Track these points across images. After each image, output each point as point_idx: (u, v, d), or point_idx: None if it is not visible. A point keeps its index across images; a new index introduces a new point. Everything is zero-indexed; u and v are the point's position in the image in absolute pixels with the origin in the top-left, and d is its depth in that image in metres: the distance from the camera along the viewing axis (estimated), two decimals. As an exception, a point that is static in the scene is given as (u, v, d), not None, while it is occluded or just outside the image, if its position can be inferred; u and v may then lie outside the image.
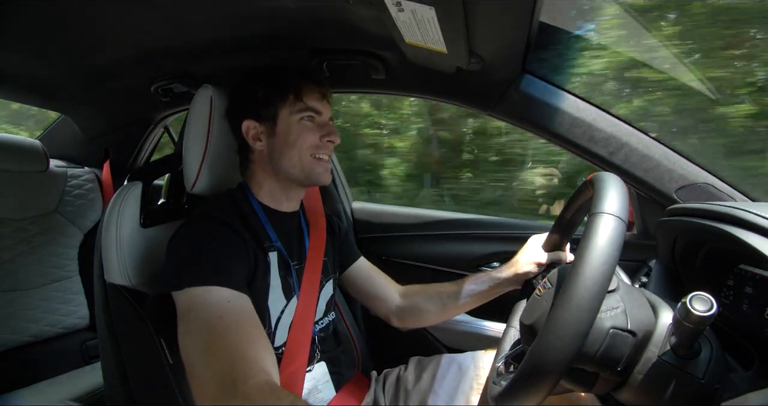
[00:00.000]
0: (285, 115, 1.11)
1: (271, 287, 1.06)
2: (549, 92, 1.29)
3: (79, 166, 2.16)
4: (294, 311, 1.10)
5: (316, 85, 1.15)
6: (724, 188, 1.22)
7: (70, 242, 2.00)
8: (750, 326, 0.84)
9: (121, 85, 1.71)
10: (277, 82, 1.13)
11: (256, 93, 1.13)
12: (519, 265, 1.22)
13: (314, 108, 1.13)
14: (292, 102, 1.11)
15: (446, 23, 0.88)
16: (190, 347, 0.85)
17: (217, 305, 0.88)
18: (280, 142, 1.11)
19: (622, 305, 0.75)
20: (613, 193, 0.71)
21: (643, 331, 0.75)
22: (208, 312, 0.86)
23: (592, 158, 1.30)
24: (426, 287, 1.36)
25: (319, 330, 1.19)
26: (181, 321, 0.89)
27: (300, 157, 1.10)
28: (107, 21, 1.16)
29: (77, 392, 1.73)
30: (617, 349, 0.74)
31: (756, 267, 0.87)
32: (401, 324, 1.37)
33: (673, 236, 1.02)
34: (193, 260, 0.93)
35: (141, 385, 1.05)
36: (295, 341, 1.08)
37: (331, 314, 1.27)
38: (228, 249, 0.97)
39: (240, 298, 0.92)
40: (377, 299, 1.37)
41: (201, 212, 1.07)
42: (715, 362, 0.73)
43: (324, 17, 1.11)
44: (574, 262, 0.67)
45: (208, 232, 0.99)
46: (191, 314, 0.88)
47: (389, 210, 1.96)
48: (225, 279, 0.91)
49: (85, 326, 2.01)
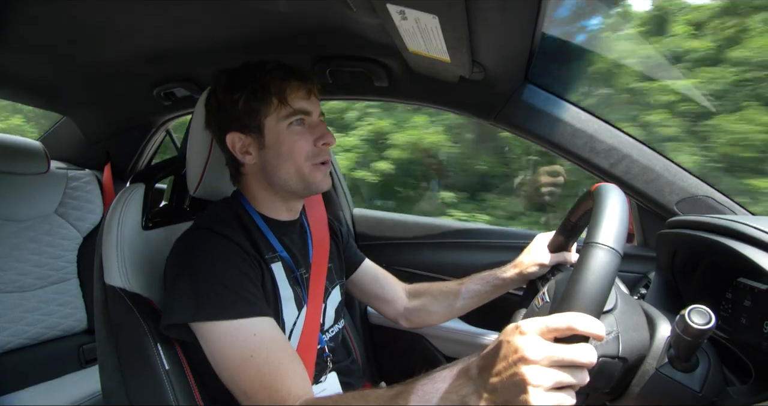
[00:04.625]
0: (272, 123, 1.02)
1: (283, 299, 1.02)
2: (551, 102, 1.29)
3: (79, 168, 2.16)
4: (304, 320, 1.08)
5: (300, 81, 1.04)
6: (725, 201, 1.22)
7: (69, 245, 1.99)
8: (748, 339, 0.84)
9: (123, 88, 1.71)
10: (257, 87, 1.02)
11: (237, 102, 1.03)
12: (524, 265, 1.20)
13: (302, 109, 1.03)
14: (276, 107, 1.01)
15: (449, 32, 0.89)
16: (232, 388, 0.88)
17: (245, 342, 0.87)
18: (272, 156, 1.03)
19: (615, 330, 0.75)
20: (611, 220, 0.68)
21: (636, 356, 0.75)
22: (239, 353, 0.86)
23: (593, 169, 1.31)
24: (431, 287, 1.35)
25: (329, 339, 1.15)
26: (211, 358, 0.89)
27: (297, 169, 1.03)
28: (110, 24, 1.17)
29: (74, 395, 1.73)
30: (606, 375, 0.74)
31: (755, 281, 0.87)
32: (410, 325, 1.36)
33: (673, 249, 1.02)
34: (206, 289, 0.89)
35: (138, 389, 1.04)
36: (302, 351, 1.03)
37: (340, 321, 1.23)
38: (237, 268, 0.94)
39: (263, 324, 0.90)
40: (385, 300, 1.35)
41: (200, 225, 1.02)
42: (712, 376, 0.73)
43: (328, 24, 1.12)
44: (564, 293, 0.65)
45: (212, 250, 0.95)
46: (220, 353, 0.87)
47: (390, 217, 1.96)
48: (245, 308, 0.89)
49: (82, 330, 2.00)
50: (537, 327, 0.62)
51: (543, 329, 0.61)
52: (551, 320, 0.61)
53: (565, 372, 0.59)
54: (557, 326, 0.60)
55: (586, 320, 0.60)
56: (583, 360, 0.59)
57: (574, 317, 0.60)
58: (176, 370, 1.00)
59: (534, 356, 0.59)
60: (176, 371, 1.00)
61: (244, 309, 0.89)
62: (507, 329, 0.66)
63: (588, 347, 0.60)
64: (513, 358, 0.61)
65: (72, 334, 1.97)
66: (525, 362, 0.59)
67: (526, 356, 0.59)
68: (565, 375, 0.59)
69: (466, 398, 0.66)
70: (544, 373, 0.58)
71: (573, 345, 0.59)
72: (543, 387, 0.58)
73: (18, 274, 1.83)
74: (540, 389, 0.58)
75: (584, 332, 0.59)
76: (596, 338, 0.60)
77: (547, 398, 0.58)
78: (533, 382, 0.58)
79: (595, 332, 0.59)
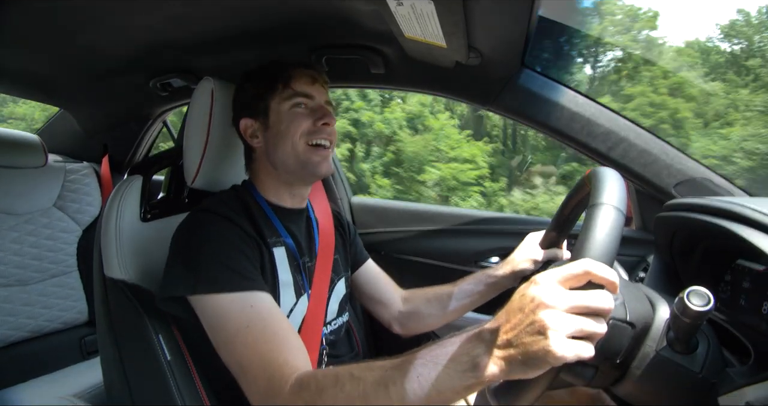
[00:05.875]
0: (275, 105, 1.08)
1: (281, 283, 1.03)
2: (548, 87, 1.29)
3: (77, 161, 2.15)
4: (305, 310, 1.08)
5: (305, 68, 1.11)
6: (722, 183, 1.22)
7: (69, 238, 1.99)
8: (747, 320, 0.84)
9: (120, 80, 1.70)
10: (265, 75, 1.10)
11: (247, 90, 1.12)
12: (516, 262, 1.20)
13: (305, 93, 1.08)
14: (280, 91, 1.08)
15: (445, 17, 0.88)
16: (228, 360, 0.88)
17: (241, 313, 0.87)
18: (273, 135, 1.08)
19: (621, 298, 0.76)
20: (612, 186, 0.71)
21: (642, 323, 0.75)
22: (235, 324, 0.87)
23: (591, 153, 1.30)
24: (426, 291, 1.34)
25: (330, 332, 1.15)
26: (209, 331, 0.90)
27: (294, 146, 1.06)
28: (106, 16, 1.16)
29: (76, 387, 1.73)
30: (616, 340, 0.74)
31: (754, 262, 0.87)
32: (403, 331, 1.34)
33: (671, 231, 1.02)
34: (204, 264, 0.91)
35: (140, 381, 1.05)
36: (304, 340, 1.01)
37: (344, 315, 1.23)
38: (236, 247, 0.95)
39: (260, 298, 0.91)
40: (381, 303, 1.35)
41: (202, 207, 1.03)
42: (712, 357, 0.74)
43: (323, 12, 1.11)
44: (574, 251, 0.67)
45: (212, 230, 0.96)
46: (217, 325, 0.88)
47: (388, 205, 1.96)
48: (242, 283, 0.90)
49: (83, 322, 2.01)
50: (553, 276, 0.62)
51: (559, 278, 0.62)
52: (567, 268, 0.62)
53: (585, 319, 0.59)
54: (574, 273, 0.61)
55: (601, 265, 0.61)
56: (602, 305, 0.59)
57: (590, 263, 0.61)
58: (178, 360, 1.01)
59: (553, 301, 0.59)
60: (178, 361, 1.01)
61: (242, 283, 0.91)
62: (520, 287, 0.66)
63: (605, 293, 0.60)
64: (530, 307, 0.61)
65: (73, 326, 1.98)
66: (544, 307, 0.60)
67: (544, 301, 0.60)
68: (586, 321, 0.59)
69: (478, 359, 0.65)
70: (565, 318, 0.59)
71: (591, 290, 0.60)
72: (564, 332, 0.58)
73: (18, 267, 1.83)
74: (561, 334, 0.58)
75: (601, 278, 0.60)
76: (611, 285, 0.61)
77: (568, 345, 0.58)
78: (553, 326, 0.58)
79: (610, 278, 0.60)
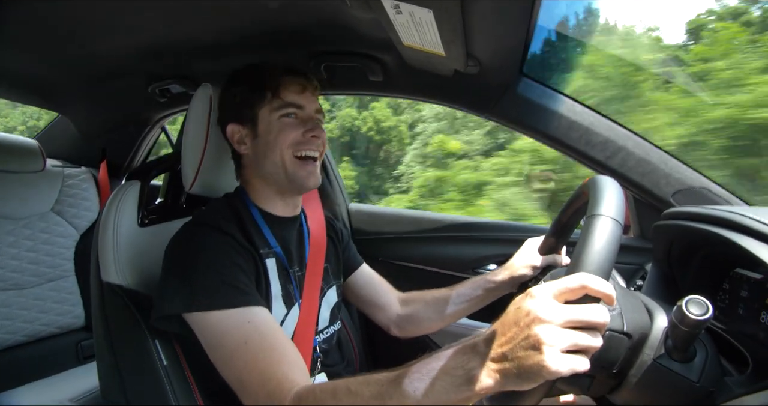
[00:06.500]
0: (265, 114, 1.07)
1: (273, 296, 1.03)
2: (546, 96, 1.29)
3: (75, 166, 2.15)
4: (296, 320, 1.07)
5: (295, 77, 1.09)
6: (720, 192, 1.22)
7: (66, 242, 1.99)
8: (745, 329, 0.84)
9: (118, 85, 1.71)
10: (254, 81, 1.09)
11: (235, 95, 1.10)
12: (514, 268, 1.19)
13: (294, 103, 1.07)
14: (270, 100, 1.06)
15: (444, 26, 0.88)
16: (227, 376, 0.88)
17: (239, 329, 0.87)
18: (262, 144, 1.07)
19: (619, 308, 0.76)
20: (610, 196, 0.71)
21: (639, 333, 0.75)
22: (234, 340, 0.86)
23: (589, 162, 1.31)
24: (424, 294, 1.34)
25: (322, 341, 1.15)
26: (207, 348, 0.90)
27: (282, 157, 1.05)
28: (105, 21, 1.16)
29: (72, 392, 1.72)
30: (613, 351, 0.74)
31: (752, 271, 0.87)
32: (401, 333, 1.34)
33: (669, 240, 1.02)
34: (200, 280, 0.90)
35: (136, 385, 1.04)
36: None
37: (336, 323, 1.22)
38: (231, 259, 0.94)
39: (257, 313, 0.91)
40: (378, 307, 1.34)
41: (197, 219, 1.03)
42: (710, 366, 0.73)
43: (322, 19, 1.11)
44: (570, 264, 0.67)
45: (206, 243, 0.95)
46: (216, 342, 0.88)
47: (386, 212, 1.96)
48: (238, 298, 0.90)
49: (80, 326, 2.00)
50: (548, 290, 0.62)
51: (555, 292, 0.61)
52: (563, 282, 0.61)
53: (580, 333, 0.59)
54: (570, 287, 0.61)
55: (597, 279, 0.60)
56: (598, 319, 0.59)
57: (586, 276, 0.60)
58: (174, 366, 1.01)
59: (548, 316, 0.59)
60: (174, 367, 1.01)
61: (238, 299, 0.90)
62: (515, 299, 0.66)
63: (601, 307, 0.60)
64: (525, 321, 0.60)
65: (70, 331, 1.97)
66: (539, 321, 0.59)
67: (539, 316, 0.59)
68: (581, 335, 0.59)
69: (473, 372, 0.64)
70: (560, 333, 0.58)
71: (586, 305, 0.60)
72: (559, 347, 0.57)
73: (15, 271, 1.83)
74: (556, 349, 0.57)
75: (597, 291, 0.60)
76: (607, 298, 0.60)
77: (562, 360, 0.57)
78: (548, 341, 0.57)
79: (606, 292, 0.60)
